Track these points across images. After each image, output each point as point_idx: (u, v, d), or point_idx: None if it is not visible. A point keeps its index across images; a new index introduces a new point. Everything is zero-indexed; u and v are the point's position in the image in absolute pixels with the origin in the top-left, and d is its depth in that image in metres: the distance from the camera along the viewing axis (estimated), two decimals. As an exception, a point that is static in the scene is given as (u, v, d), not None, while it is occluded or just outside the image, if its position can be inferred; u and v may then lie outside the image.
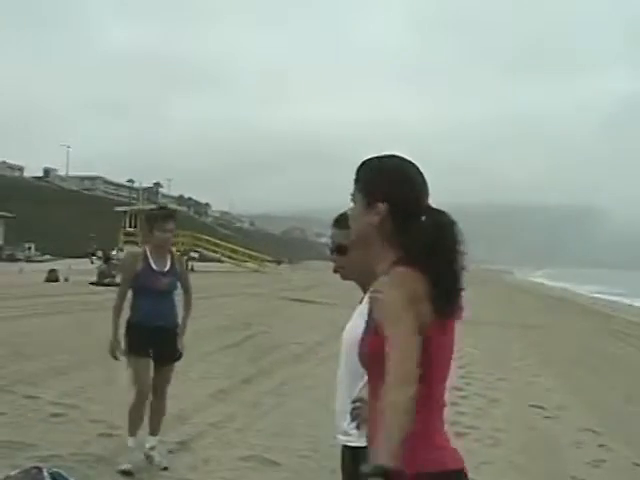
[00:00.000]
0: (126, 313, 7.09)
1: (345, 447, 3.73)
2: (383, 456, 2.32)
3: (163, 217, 7.00)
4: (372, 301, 2.66)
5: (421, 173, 2.76)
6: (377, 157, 2.80)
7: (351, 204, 2.83)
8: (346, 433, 3.70)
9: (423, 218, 2.65)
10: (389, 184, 2.69)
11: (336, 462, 4.46)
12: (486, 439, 8.27)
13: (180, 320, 7.20)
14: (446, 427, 2.72)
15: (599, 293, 64.14)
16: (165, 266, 6.94)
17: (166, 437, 7.82)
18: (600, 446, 8.57)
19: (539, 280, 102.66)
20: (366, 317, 3.17)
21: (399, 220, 2.66)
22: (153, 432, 7.09)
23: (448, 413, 2.80)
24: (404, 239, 2.63)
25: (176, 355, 7.09)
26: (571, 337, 21.46)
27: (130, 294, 7.06)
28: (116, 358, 7.07)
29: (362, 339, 2.71)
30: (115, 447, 7.37)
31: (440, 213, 2.67)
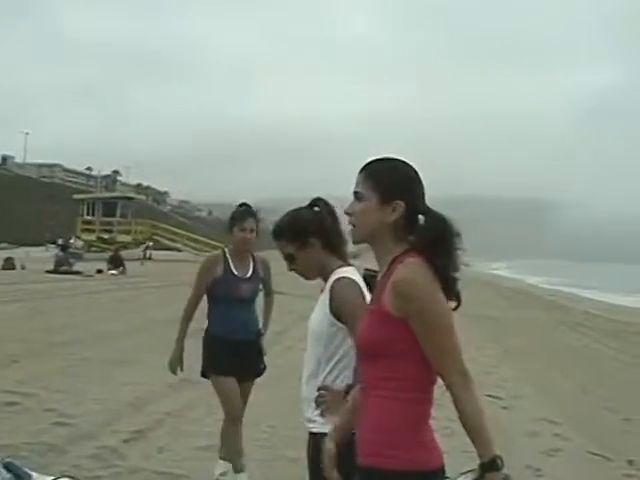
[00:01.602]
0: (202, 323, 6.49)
1: (310, 434, 3.77)
2: (492, 447, 2.66)
3: (241, 214, 6.13)
4: (390, 290, 2.70)
5: (420, 175, 2.92)
6: (387, 158, 2.93)
7: (353, 200, 2.91)
8: (310, 420, 3.77)
9: (422, 217, 2.81)
10: (404, 183, 2.84)
11: (295, 451, 4.46)
12: (441, 429, 8.23)
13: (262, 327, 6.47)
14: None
15: (557, 285, 64.69)
16: (247, 271, 6.19)
17: (121, 426, 7.76)
18: (555, 435, 8.63)
19: (497, 272, 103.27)
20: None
21: (410, 217, 2.80)
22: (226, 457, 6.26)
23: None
24: (415, 234, 2.79)
25: (260, 370, 6.36)
26: (528, 329, 21.62)
27: (206, 303, 6.35)
28: (174, 373, 6.53)
29: (366, 329, 2.80)
30: (68, 436, 7.31)
31: (439, 213, 2.82)
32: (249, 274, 6.18)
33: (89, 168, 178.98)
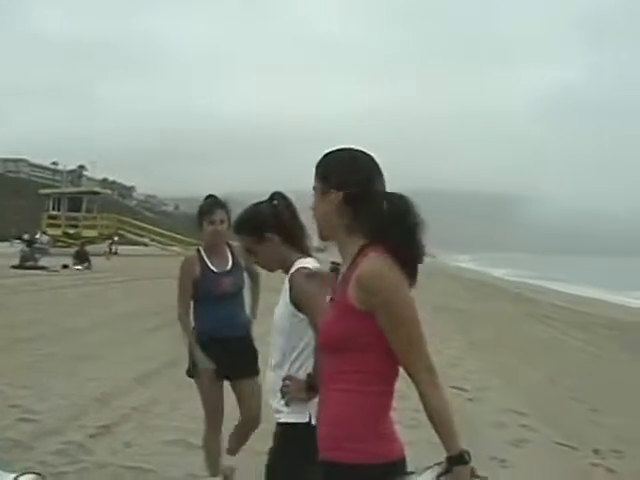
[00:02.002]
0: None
1: (277, 424, 3.84)
2: (458, 441, 2.66)
3: (209, 207, 5.75)
4: (355, 283, 2.66)
5: (374, 161, 2.87)
6: (333, 150, 2.92)
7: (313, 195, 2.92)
8: (277, 411, 3.83)
9: (384, 203, 2.72)
10: (340, 172, 2.81)
11: (260, 443, 4.45)
12: (407, 420, 8.27)
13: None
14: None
15: (523, 277, 65.07)
16: (227, 264, 5.81)
17: (87, 421, 7.72)
18: (522, 426, 8.67)
19: (463, 265, 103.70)
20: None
21: (356, 206, 2.76)
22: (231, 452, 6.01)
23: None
24: (362, 223, 2.74)
25: (256, 365, 5.91)
26: (495, 321, 21.70)
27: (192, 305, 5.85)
28: (209, 370, 5.74)
29: (329, 322, 2.76)
30: (33, 432, 7.25)
31: (399, 197, 2.75)
32: (229, 267, 5.82)
33: (55, 163, 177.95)
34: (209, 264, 5.78)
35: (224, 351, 5.68)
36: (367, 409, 2.67)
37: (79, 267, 36.32)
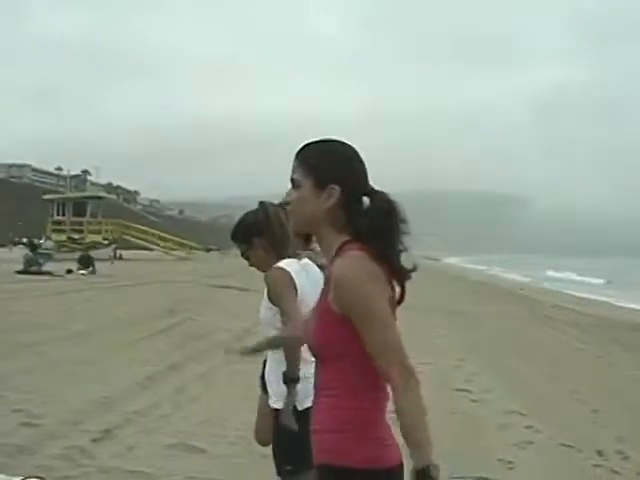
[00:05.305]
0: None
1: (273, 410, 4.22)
2: (428, 453, 2.47)
3: None
4: (332, 286, 2.55)
5: (360, 155, 2.73)
6: (321, 140, 2.75)
7: (290, 189, 2.74)
8: (269, 397, 4.28)
9: (367, 200, 2.63)
10: (340, 166, 2.65)
11: (266, 448, 4.48)
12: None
13: None
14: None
15: (526, 278, 65.03)
16: None
17: (90, 425, 7.72)
18: (526, 428, 8.66)
19: (466, 266, 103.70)
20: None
21: (349, 203, 2.62)
22: None
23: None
24: (355, 221, 2.60)
25: None
26: (497, 322, 21.67)
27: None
28: None
29: (313, 329, 2.67)
30: (36, 436, 7.25)
31: (384, 194, 2.65)
32: None
33: (59, 168, 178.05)
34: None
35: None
36: (359, 413, 2.58)
37: (83, 272, 36.34)
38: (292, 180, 2.71)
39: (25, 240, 48.78)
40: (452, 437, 7.99)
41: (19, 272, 33.67)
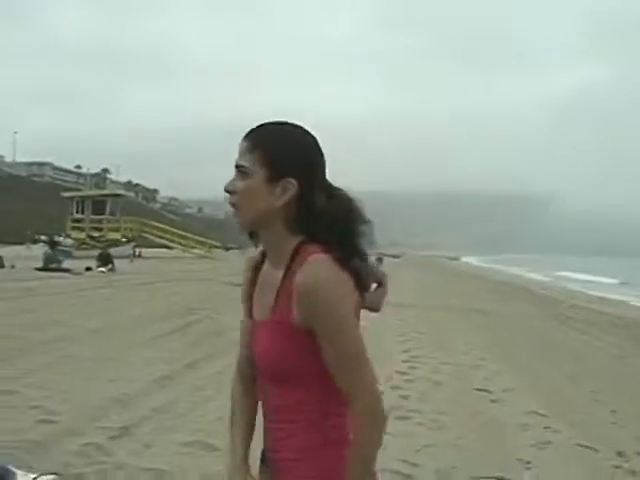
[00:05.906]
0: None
1: None
2: None
3: None
4: (294, 297, 2.23)
5: (321, 147, 2.38)
6: (280, 123, 2.37)
7: (234, 178, 2.35)
8: None
9: (325, 198, 2.29)
10: (300, 157, 2.30)
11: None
12: (430, 422, 8.23)
13: None
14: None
15: (546, 278, 64.85)
16: None
17: (107, 422, 7.71)
18: (545, 428, 8.60)
19: (487, 265, 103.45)
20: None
21: (305, 200, 2.28)
22: None
23: (391, 397, 2.73)
24: (311, 221, 2.29)
25: None
26: (517, 321, 21.61)
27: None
28: None
29: (265, 348, 2.33)
30: (53, 433, 7.25)
31: (344, 192, 2.35)
32: None
33: (79, 166, 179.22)
34: None
35: None
36: (331, 438, 2.30)
37: (102, 269, 36.43)
38: (238, 166, 2.32)
39: (45, 237, 49.04)
40: (470, 436, 7.96)
41: (38, 269, 33.84)
